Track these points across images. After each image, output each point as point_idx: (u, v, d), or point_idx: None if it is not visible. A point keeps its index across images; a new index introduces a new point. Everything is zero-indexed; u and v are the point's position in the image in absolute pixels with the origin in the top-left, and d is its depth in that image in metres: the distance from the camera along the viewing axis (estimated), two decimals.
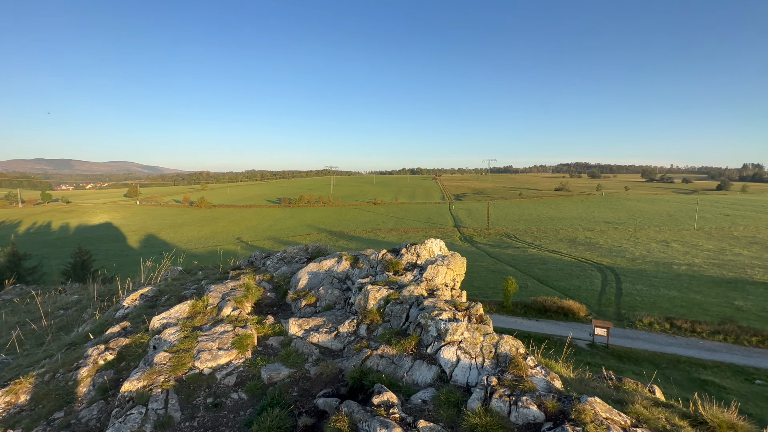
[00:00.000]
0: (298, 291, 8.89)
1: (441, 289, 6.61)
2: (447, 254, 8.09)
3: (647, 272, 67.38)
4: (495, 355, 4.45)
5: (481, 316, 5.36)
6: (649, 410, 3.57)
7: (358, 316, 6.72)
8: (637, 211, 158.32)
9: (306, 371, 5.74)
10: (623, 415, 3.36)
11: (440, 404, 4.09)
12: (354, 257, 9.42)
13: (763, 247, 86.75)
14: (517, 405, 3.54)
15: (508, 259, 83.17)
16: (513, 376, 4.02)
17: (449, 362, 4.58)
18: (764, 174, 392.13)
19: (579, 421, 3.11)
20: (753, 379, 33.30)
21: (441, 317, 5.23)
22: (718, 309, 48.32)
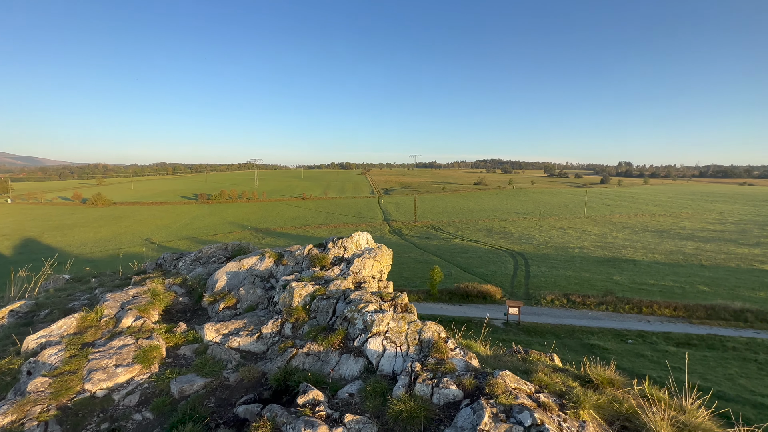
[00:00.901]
0: (216, 293, 8.14)
1: (368, 281, 6.63)
2: (374, 247, 8.15)
3: (549, 256, 76.89)
4: (419, 341, 4.62)
5: (406, 305, 5.52)
6: (549, 376, 4.06)
7: (282, 315, 6.40)
8: (541, 202, 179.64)
9: (225, 379, 5.29)
10: (529, 383, 3.77)
11: (367, 395, 4.11)
12: (278, 254, 8.94)
13: (633, 231, 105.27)
14: (438, 387, 3.72)
15: (434, 249, 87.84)
16: (435, 360, 4.22)
17: (376, 353, 4.62)
18: (633, 170, 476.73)
19: (492, 394, 3.39)
20: (626, 339, 40.30)
21: (367, 309, 5.25)
22: (602, 284, 57.19)
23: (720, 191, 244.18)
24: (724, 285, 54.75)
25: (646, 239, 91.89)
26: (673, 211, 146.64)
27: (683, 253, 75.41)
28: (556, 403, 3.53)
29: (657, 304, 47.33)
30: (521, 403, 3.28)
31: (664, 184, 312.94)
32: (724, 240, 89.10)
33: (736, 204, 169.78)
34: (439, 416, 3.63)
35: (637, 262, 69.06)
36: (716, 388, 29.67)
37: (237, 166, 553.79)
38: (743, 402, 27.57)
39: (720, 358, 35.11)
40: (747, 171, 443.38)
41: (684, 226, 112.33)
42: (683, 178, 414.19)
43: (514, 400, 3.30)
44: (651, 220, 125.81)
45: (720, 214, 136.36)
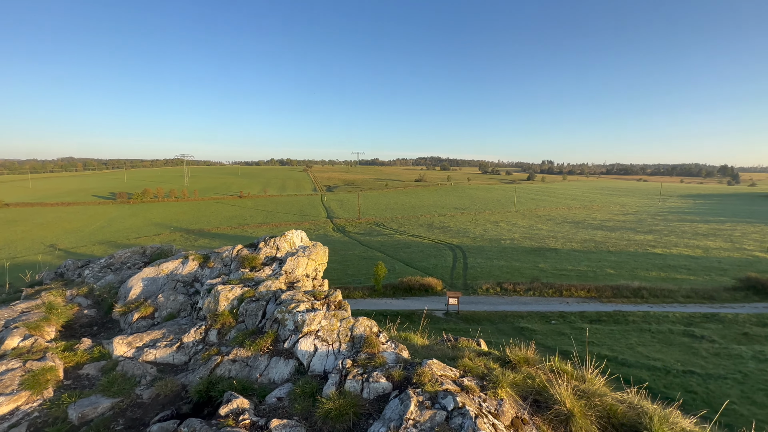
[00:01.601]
0: (129, 302, 7.24)
1: (302, 280, 6.42)
2: (309, 245, 7.91)
3: (484, 248, 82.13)
4: (351, 338, 4.59)
5: (340, 302, 5.45)
6: (473, 361, 4.31)
7: (207, 322, 5.91)
8: (477, 198, 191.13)
9: (137, 397, 4.72)
10: (454, 369, 3.96)
11: (296, 398, 3.97)
12: (203, 256, 8.25)
13: (555, 222, 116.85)
14: (368, 381, 3.73)
15: (378, 245, 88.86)
16: (366, 355, 4.22)
17: (307, 353, 4.48)
18: (554, 168, 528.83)
19: (419, 383, 3.49)
20: (550, 320, 44.55)
21: (299, 309, 5.06)
22: (530, 271, 62.55)
23: (622, 186, 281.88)
24: (626, 267, 63.22)
25: (565, 230, 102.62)
26: (587, 204, 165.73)
27: (594, 241, 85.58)
28: (478, 385, 3.75)
29: (574, 287, 52.97)
30: (446, 388, 3.42)
31: (579, 181, 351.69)
32: (625, 229, 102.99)
33: (634, 197, 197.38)
34: (369, 410, 3.64)
35: (558, 251, 76.75)
36: (621, 356, 34.23)
37: (163, 162, 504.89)
38: (640, 366, 32.07)
39: (623, 330, 40.41)
40: (642, 169, 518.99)
41: (595, 217, 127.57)
42: (594, 175, 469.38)
43: (440, 387, 3.43)
44: (569, 212, 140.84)
45: (622, 207, 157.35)
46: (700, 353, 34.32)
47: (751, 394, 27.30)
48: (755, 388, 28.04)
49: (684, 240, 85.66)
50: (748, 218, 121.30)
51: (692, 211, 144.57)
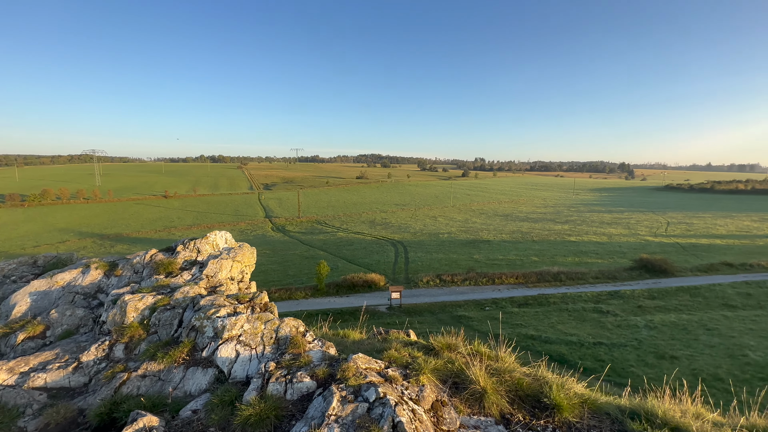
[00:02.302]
0: (12, 322, 6.12)
1: (225, 284, 6.02)
2: (234, 246, 7.44)
3: (424, 242, 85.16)
4: (276, 340, 4.43)
5: (266, 305, 5.22)
6: (399, 351, 4.46)
7: (111, 336, 5.24)
8: (416, 194, 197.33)
9: (20, 430, 4.03)
10: (379, 361, 4.04)
11: (213, 408, 3.73)
12: (110, 264, 7.30)
13: (487, 216, 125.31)
14: (292, 382, 3.63)
15: (320, 244, 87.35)
16: (291, 356, 4.12)
17: (228, 360, 4.23)
18: (486, 165, 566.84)
19: (343, 378, 3.50)
20: (484, 307, 47.72)
21: (219, 314, 4.75)
22: (466, 262, 66.28)
23: (543, 182, 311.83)
24: (547, 255, 70.14)
25: (496, 222, 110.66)
26: (514, 198, 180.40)
27: (521, 232, 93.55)
28: (401, 374, 3.88)
29: (505, 275, 57.36)
30: (370, 381, 3.48)
31: (507, 177, 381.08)
32: (546, 220, 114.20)
33: (553, 191, 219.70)
34: (292, 411, 3.56)
35: (490, 242, 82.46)
36: (544, 335, 37.94)
37: (67, 159, 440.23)
38: (560, 342, 35.88)
39: (546, 311, 44.81)
40: (559, 165, 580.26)
41: (521, 210, 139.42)
42: (520, 171, 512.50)
43: (363, 380, 3.48)
44: (499, 206, 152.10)
45: (544, 200, 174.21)
46: (607, 326, 39.43)
47: (645, 357, 32.13)
48: (647, 351, 33.05)
49: (593, 228, 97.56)
50: (641, 208, 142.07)
51: (599, 202, 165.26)
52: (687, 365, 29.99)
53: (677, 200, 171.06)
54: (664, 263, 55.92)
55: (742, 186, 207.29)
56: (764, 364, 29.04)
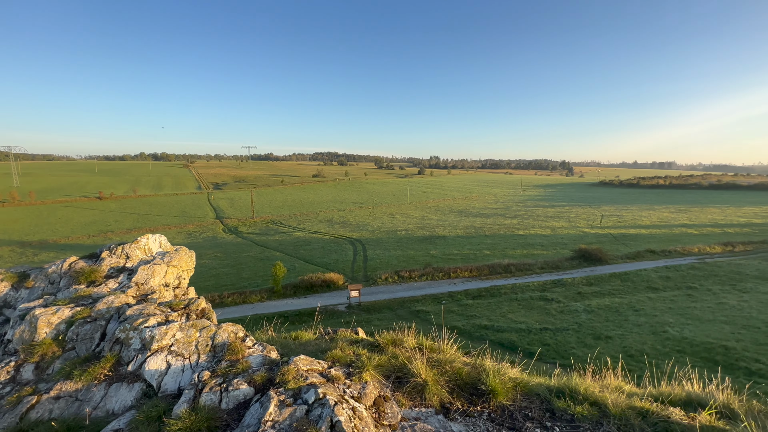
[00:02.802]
0: None
1: (159, 291, 5.56)
2: (170, 250, 6.91)
3: (382, 239, 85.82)
4: (212, 347, 4.19)
5: (203, 311, 4.91)
6: (343, 350, 4.43)
7: (18, 356, 4.63)
8: (374, 192, 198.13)
9: None
10: (322, 362, 3.98)
11: (138, 426, 3.42)
12: (20, 274, 6.41)
13: (442, 212, 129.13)
14: (227, 391, 3.45)
15: (276, 245, 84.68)
16: (228, 363, 3.92)
17: (157, 373, 3.91)
18: (440, 163, 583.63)
19: (282, 382, 3.39)
20: (441, 301, 49.14)
21: (147, 324, 4.38)
22: (423, 258, 67.81)
23: (493, 179, 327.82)
24: (498, 248, 73.85)
25: (451, 218, 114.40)
26: (467, 195, 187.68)
27: (474, 227, 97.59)
28: (344, 373, 3.86)
29: (460, 269, 59.49)
30: (311, 382, 3.41)
31: (460, 174, 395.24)
32: (497, 215, 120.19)
33: (503, 188, 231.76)
34: (227, 421, 3.38)
35: (445, 238, 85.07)
36: (496, 324, 39.91)
37: None
38: (511, 330, 37.95)
39: (498, 302, 47.17)
40: (508, 163, 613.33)
41: (474, 206, 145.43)
42: (472, 169, 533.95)
43: (304, 382, 3.40)
44: (453, 203, 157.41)
45: (495, 196, 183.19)
46: (551, 312, 42.38)
47: (584, 338, 34.98)
48: (586, 333, 36.02)
49: (539, 222, 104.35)
50: (579, 202, 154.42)
51: (543, 198, 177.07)
52: (619, 343, 33.08)
53: (609, 195, 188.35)
54: (599, 252, 61.24)
55: (662, 182, 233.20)
56: (680, 339, 32.88)
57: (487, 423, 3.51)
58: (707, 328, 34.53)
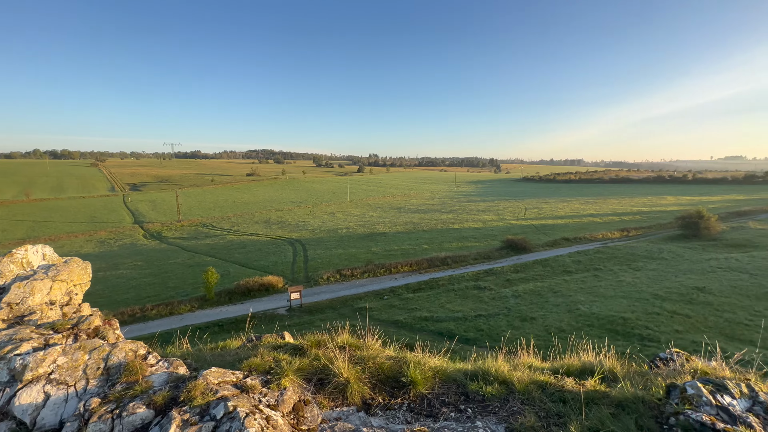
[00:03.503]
0: None
1: (41, 311, 4.70)
2: (57, 262, 5.92)
3: (323, 239, 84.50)
4: (105, 370, 3.68)
5: (97, 329, 4.29)
6: (263, 357, 4.23)
7: None
8: (313, 190, 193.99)
9: None
10: (237, 372, 3.74)
11: None
12: None
13: (382, 209, 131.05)
14: (121, 417, 3.05)
15: (207, 249, 78.74)
16: (124, 386, 3.48)
17: (32, 407, 3.30)
18: (379, 160, 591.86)
19: (187, 400, 3.10)
20: (383, 297, 49.95)
21: (19, 351, 3.68)
22: (364, 255, 68.16)
23: (430, 176, 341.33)
24: (436, 242, 77.11)
25: (391, 215, 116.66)
26: (405, 192, 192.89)
27: (413, 223, 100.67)
28: (261, 381, 3.67)
29: (400, 264, 60.94)
30: (221, 396, 3.17)
31: (399, 172, 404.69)
32: (434, 210, 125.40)
33: (439, 184, 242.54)
34: None
35: (386, 234, 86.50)
36: (436, 315, 41.67)
37: None
38: (449, 319, 39.91)
39: (436, 294, 49.26)
40: (443, 161, 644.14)
41: (412, 203, 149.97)
42: (410, 167, 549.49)
43: (213, 396, 3.14)
44: (392, 200, 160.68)
45: (431, 192, 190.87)
46: (484, 300, 45.48)
47: (512, 321, 38.11)
48: (514, 316, 39.30)
49: (471, 216, 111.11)
50: (506, 197, 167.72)
51: (475, 193, 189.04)
52: (542, 323, 36.63)
53: (531, 189, 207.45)
54: (524, 242, 67.13)
55: (573, 177, 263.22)
56: (589, 314, 37.47)
57: (407, 414, 3.61)
58: (610, 303, 39.81)
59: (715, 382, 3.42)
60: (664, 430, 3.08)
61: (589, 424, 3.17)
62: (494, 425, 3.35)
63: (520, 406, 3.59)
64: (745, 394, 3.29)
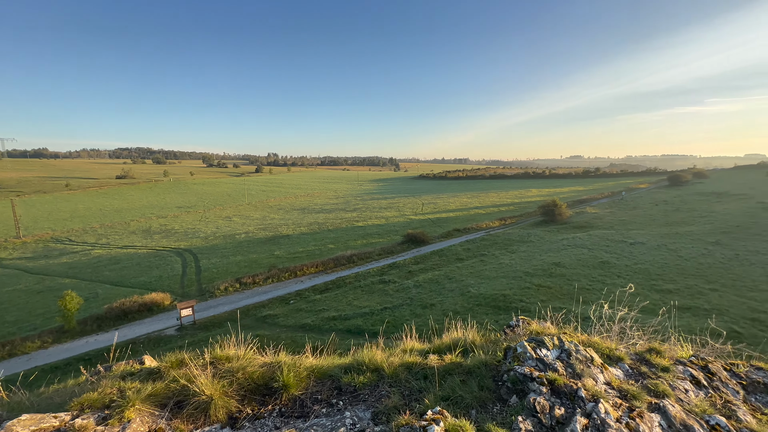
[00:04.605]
0: None
1: None
2: None
3: (219, 246, 77.11)
4: None
5: None
6: (103, 390, 3.61)
7: None
8: (204, 193, 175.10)
9: None
10: (60, 414, 3.09)
11: None
12: None
13: (285, 211, 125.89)
14: None
15: (63, 269, 64.39)
16: None
17: None
18: (279, 160, 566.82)
19: None
20: (289, 301, 48.06)
21: None
22: (267, 260, 64.57)
23: (333, 175, 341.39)
24: (341, 241, 77.48)
25: (294, 216, 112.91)
26: (309, 192, 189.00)
27: (318, 223, 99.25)
28: (97, 419, 3.14)
29: (306, 266, 59.49)
30: None
31: (301, 171, 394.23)
32: (338, 210, 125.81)
33: (342, 184, 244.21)
34: None
35: (290, 236, 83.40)
36: (344, 313, 41.89)
37: None
38: (356, 316, 40.55)
39: (344, 292, 49.55)
40: (345, 160, 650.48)
41: (316, 202, 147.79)
42: (312, 166, 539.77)
43: None
44: (295, 200, 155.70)
45: (335, 192, 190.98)
46: (389, 293, 47.53)
47: (415, 310, 40.72)
48: (416, 305, 42.05)
49: (375, 213, 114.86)
50: (406, 194, 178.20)
51: (377, 191, 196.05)
52: (440, 309, 40.02)
53: (427, 186, 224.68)
54: (422, 235, 72.32)
55: (461, 174, 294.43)
56: (478, 295, 42.41)
57: (277, 419, 3.53)
58: (493, 284, 45.73)
59: (537, 339, 4.28)
60: (499, 386, 3.71)
61: (442, 394, 3.60)
62: (362, 412, 3.53)
63: (387, 390, 3.84)
64: (556, 345, 4.20)
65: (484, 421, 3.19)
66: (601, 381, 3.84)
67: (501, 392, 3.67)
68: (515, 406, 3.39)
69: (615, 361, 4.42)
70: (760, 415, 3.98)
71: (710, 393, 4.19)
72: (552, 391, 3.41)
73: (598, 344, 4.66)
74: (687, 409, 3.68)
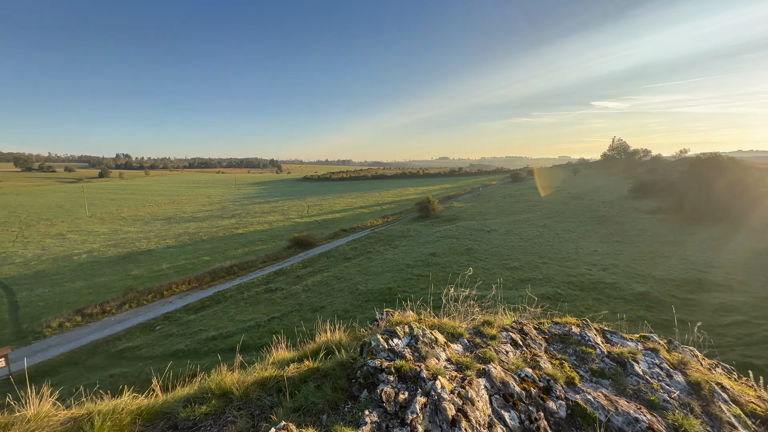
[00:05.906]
0: None
1: None
2: None
3: (47, 272, 60.61)
4: None
5: None
6: None
7: None
8: (20, 206, 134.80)
9: None
10: None
11: None
12: None
13: (144, 222, 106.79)
14: None
15: None
16: None
17: None
18: (133, 162, 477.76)
19: None
20: (155, 327, 41.07)
21: None
22: (121, 283, 53.76)
23: (205, 179, 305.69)
24: (218, 251, 69.98)
25: (157, 228, 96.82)
26: (175, 198, 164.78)
27: (188, 233, 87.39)
28: None
29: (175, 284, 51.77)
30: None
31: (163, 175, 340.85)
32: (213, 217, 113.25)
33: (217, 188, 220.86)
34: None
35: (152, 251, 71.23)
36: (225, 330, 37.93)
37: None
38: (240, 332, 37.18)
39: (224, 307, 44.96)
40: (219, 162, 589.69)
41: (185, 210, 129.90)
42: (178, 169, 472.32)
43: None
44: (158, 209, 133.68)
45: (208, 197, 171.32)
46: (277, 301, 45.16)
47: (305, 315, 39.67)
48: (306, 309, 41.04)
49: (256, 218, 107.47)
50: (290, 196, 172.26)
51: (258, 195, 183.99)
52: (330, 309, 39.97)
53: (312, 188, 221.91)
54: (309, 238, 71.01)
55: (345, 175, 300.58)
56: (366, 291, 43.93)
57: None
58: (380, 279, 48.06)
59: (390, 330, 4.66)
60: (353, 383, 3.88)
61: (294, 405, 3.54)
62: None
63: (234, 414, 3.56)
64: (407, 333, 4.67)
65: (333, 423, 3.24)
66: (443, 358, 4.39)
67: (353, 390, 3.81)
68: (365, 400, 3.57)
69: (457, 337, 5.13)
70: (554, 360, 5.17)
71: (524, 350, 5.24)
72: (399, 377, 3.72)
73: (444, 325, 5.33)
74: (506, 368, 4.52)
